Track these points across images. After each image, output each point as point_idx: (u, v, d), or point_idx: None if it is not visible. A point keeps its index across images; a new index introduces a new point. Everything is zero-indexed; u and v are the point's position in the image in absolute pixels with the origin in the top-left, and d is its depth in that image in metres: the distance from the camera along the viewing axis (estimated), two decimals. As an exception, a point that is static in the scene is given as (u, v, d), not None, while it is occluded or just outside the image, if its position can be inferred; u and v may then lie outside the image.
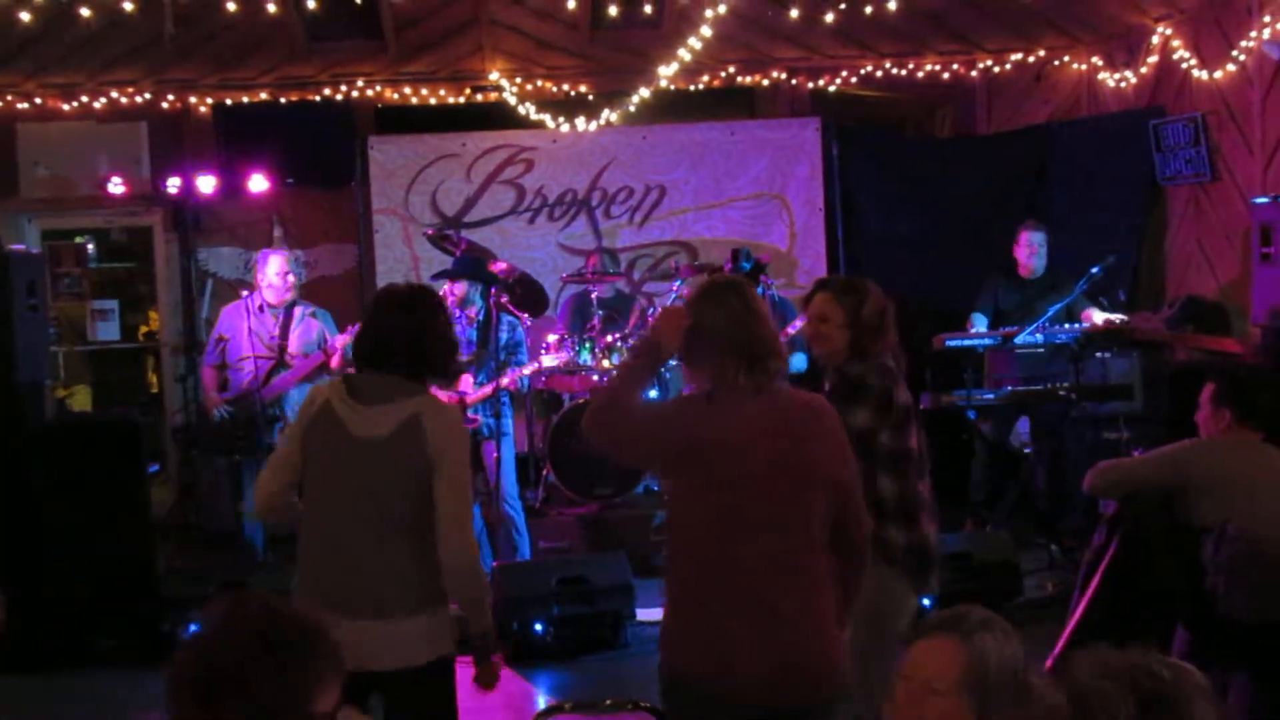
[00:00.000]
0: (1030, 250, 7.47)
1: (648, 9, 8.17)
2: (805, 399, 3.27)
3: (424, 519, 3.34)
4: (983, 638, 2.31)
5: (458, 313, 6.87)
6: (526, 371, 6.89)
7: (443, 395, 6.73)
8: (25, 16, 7.50)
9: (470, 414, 6.77)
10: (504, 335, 6.86)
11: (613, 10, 8.04)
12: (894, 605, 3.86)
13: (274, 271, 6.88)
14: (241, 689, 1.87)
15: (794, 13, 8.12)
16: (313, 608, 2.20)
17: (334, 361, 6.77)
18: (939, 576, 3.97)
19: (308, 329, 6.97)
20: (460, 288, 6.82)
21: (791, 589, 3.08)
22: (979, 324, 7.41)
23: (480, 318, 6.89)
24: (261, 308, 6.96)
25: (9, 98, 8.70)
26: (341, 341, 6.73)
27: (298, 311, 6.99)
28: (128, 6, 7.46)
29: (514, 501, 6.85)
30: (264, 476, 3.54)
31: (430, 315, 3.51)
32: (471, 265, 6.94)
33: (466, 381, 6.81)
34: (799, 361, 7.24)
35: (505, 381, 6.75)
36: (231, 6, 7.67)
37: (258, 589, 3.02)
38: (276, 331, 6.94)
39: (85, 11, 7.52)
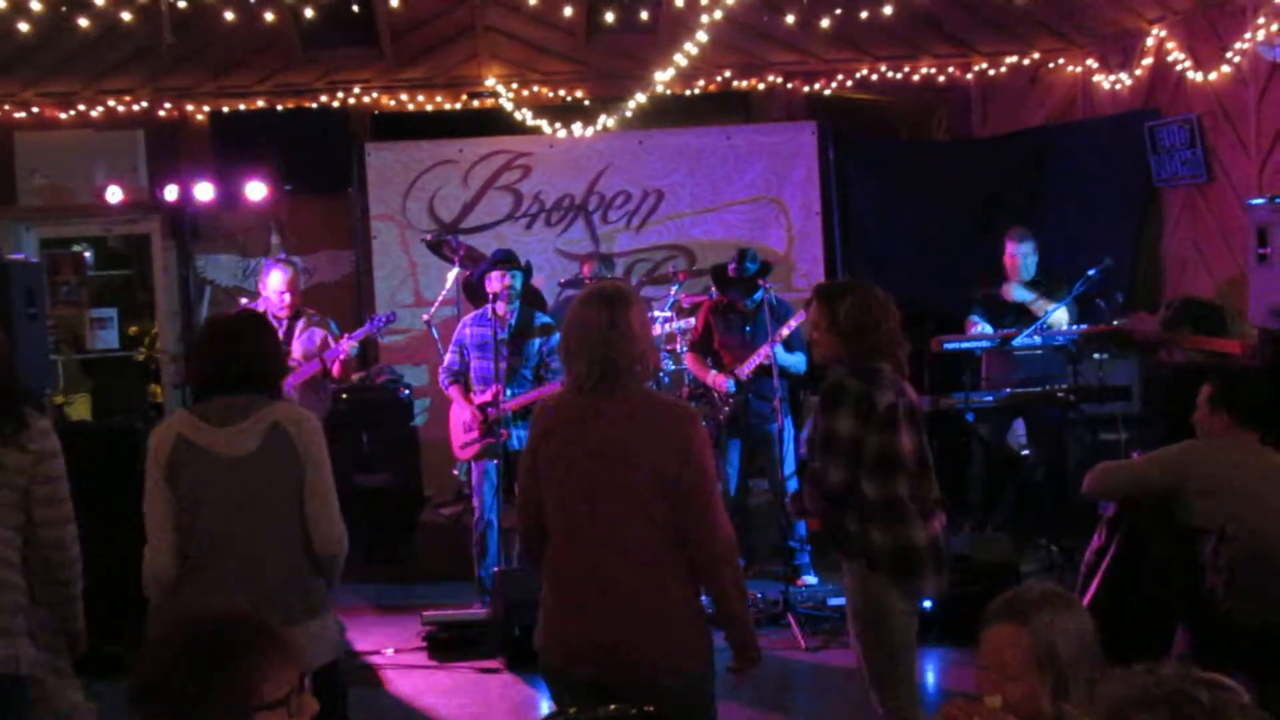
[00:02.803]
0: (1017, 259, 7.45)
1: (643, 14, 8.19)
2: (662, 402, 3.41)
3: (300, 524, 3.55)
4: (1042, 615, 2.37)
5: (497, 310, 6.56)
6: None
7: (470, 403, 6.67)
8: (23, 26, 7.50)
9: (501, 429, 6.55)
10: (537, 340, 6.72)
11: (609, 16, 8.05)
12: (876, 607, 3.86)
13: (273, 288, 6.75)
14: (170, 698, 1.94)
15: (789, 17, 8.12)
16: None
17: (335, 370, 6.75)
18: (941, 578, 3.94)
19: (311, 336, 6.96)
20: (500, 281, 6.58)
21: (628, 569, 3.19)
22: (979, 326, 7.38)
23: (513, 321, 6.68)
24: (266, 313, 6.94)
25: (6, 106, 8.71)
26: (344, 350, 6.70)
27: (301, 320, 6.98)
28: (125, 15, 7.46)
29: None
30: (151, 546, 3.59)
31: (262, 338, 3.75)
32: (506, 255, 6.79)
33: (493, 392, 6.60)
34: (799, 362, 7.05)
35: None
36: (228, 15, 7.67)
37: (196, 599, 3.12)
38: (280, 337, 6.91)
39: (83, 21, 7.52)
